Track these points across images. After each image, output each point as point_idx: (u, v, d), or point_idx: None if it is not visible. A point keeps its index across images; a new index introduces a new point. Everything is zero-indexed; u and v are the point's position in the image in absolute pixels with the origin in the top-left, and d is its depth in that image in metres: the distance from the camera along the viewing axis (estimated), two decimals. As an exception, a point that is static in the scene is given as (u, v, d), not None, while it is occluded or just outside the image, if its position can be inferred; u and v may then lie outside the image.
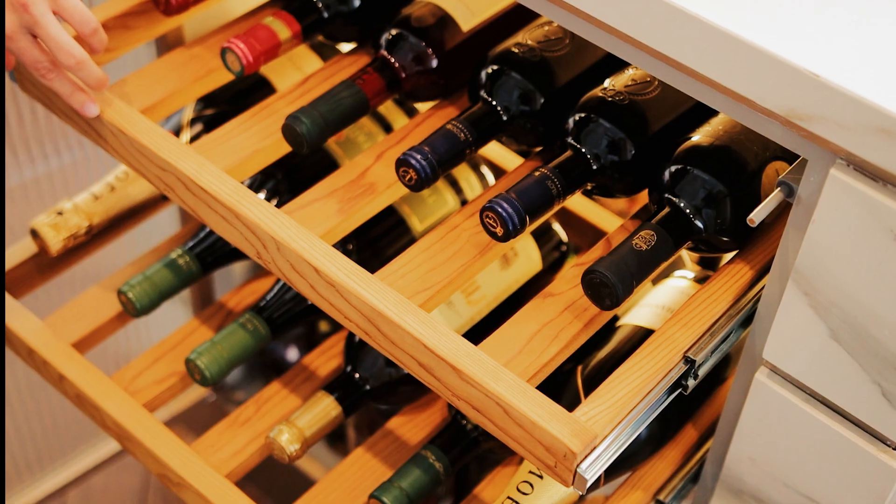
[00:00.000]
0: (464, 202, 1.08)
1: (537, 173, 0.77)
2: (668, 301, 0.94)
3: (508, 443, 0.70)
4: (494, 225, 0.75)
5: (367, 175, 0.84)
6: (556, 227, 1.07)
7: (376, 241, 1.02)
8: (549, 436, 0.67)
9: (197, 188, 0.79)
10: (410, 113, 1.13)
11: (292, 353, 1.52)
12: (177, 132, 1.06)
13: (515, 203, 0.74)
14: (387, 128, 1.12)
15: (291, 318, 0.98)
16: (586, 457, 0.68)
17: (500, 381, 0.69)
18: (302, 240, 0.75)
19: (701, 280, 0.97)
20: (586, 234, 1.14)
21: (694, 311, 0.77)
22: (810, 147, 0.67)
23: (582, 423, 0.68)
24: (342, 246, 0.99)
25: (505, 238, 0.75)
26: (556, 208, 0.78)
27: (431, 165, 0.77)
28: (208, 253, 1.01)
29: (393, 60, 0.86)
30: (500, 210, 0.74)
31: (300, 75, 1.12)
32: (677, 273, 1.00)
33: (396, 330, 0.72)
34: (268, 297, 0.98)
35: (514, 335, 0.75)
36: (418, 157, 0.77)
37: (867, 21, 0.65)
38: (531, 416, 0.68)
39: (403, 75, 0.86)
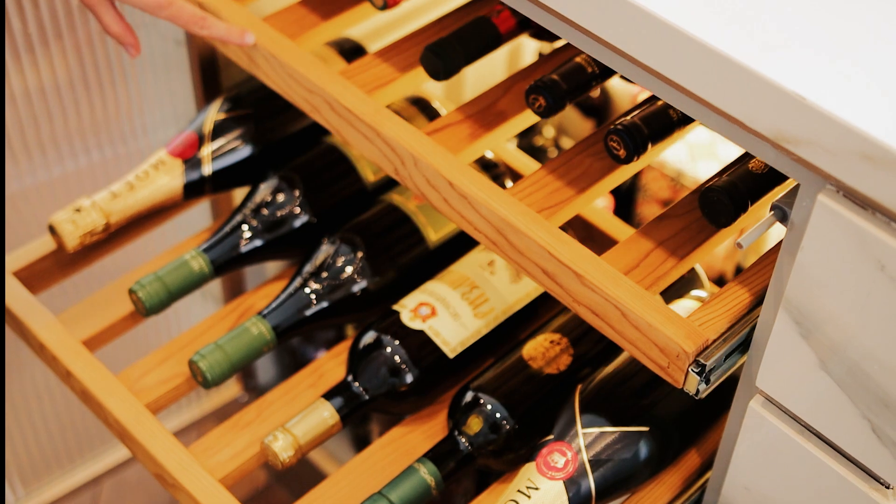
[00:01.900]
0: (481, 213, 1.07)
1: (660, 102, 0.82)
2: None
3: (624, 345, 0.75)
4: (618, 148, 0.81)
5: (497, 104, 0.89)
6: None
7: (390, 250, 1.01)
8: (664, 337, 0.71)
9: (342, 108, 0.85)
10: (432, 119, 1.13)
11: (322, 356, 1.52)
12: (201, 133, 1.07)
13: (640, 126, 0.80)
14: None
15: (297, 323, 0.97)
16: (697, 358, 0.72)
17: (619, 287, 0.74)
18: (438, 155, 0.81)
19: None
20: (607, 248, 1.12)
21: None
22: (801, 171, 0.65)
23: (695, 327, 0.72)
24: (352, 251, 0.99)
25: (627, 160, 0.81)
26: (676, 136, 0.83)
27: (560, 93, 0.83)
28: (222, 255, 1.02)
29: None
30: (624, 133, 0.79)
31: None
32: (693, 293, 0.98)
33: (523, 239, 0.77)
34: (275, 303, 0.98)
35: (632, 250, 0.80)
36: (549, 84, 0.82)
37: (859, 44, 0.63)
38: (648, 318, 0.72)
39: None
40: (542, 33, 0.94)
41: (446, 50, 0.86)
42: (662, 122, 0.81)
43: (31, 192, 1.21)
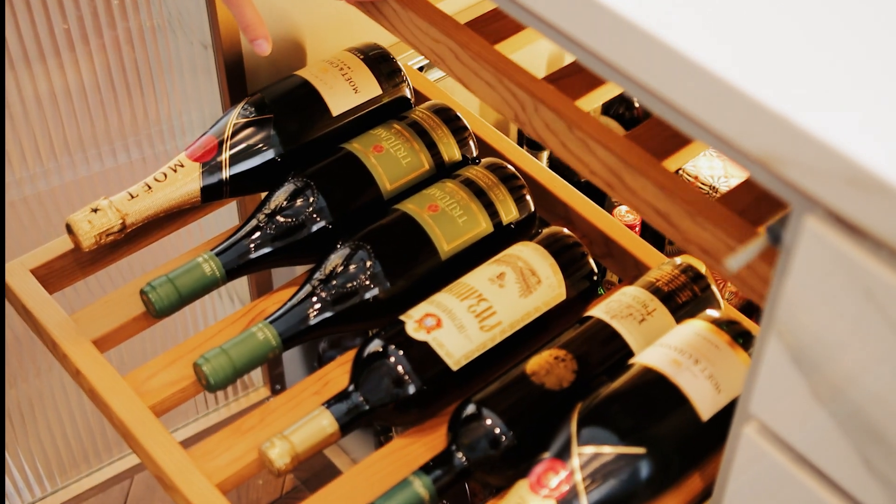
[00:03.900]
0: (497, 225, 1.06)
1: None
2: (682, 343, 0.90)
3: (733, 281, 0.77)
4: None
5: None
6: (589, 259, 1.04)
7: (401, 259, 1.01)
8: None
9: (466, 57, 0.89)
10: (454, 128, 1.12)
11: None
12: (221, 137, 1.07)
13: None
14: (430, 144, 1.11)
15: (304, 330, 0.97)
16: None
17: (730, 225, 0.76)
18: (558, 101, 0.85)
19: (722, 322, 0.92)
20: (627, 266, 1.10)
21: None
22: (792, 193, 0.63)
23: None
24: (363, 259, 0.99)
25: None
26: None
27: None
28: (234, 259, 1.02)
29: None
30: None
31: (349, 87, 1.12)
32: (708, 312, 0.96)
33: (638, 179, 0.80)
34: (283, 309, 0.98)
35: (742, 195, 0.81)
36: None
37: (848, 67, 0.61)
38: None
39: None
40: None
41: None
42: None
43: (57, 192, 1.23)
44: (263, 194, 1.20)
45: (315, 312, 0.97)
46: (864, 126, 0.57)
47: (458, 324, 0.94)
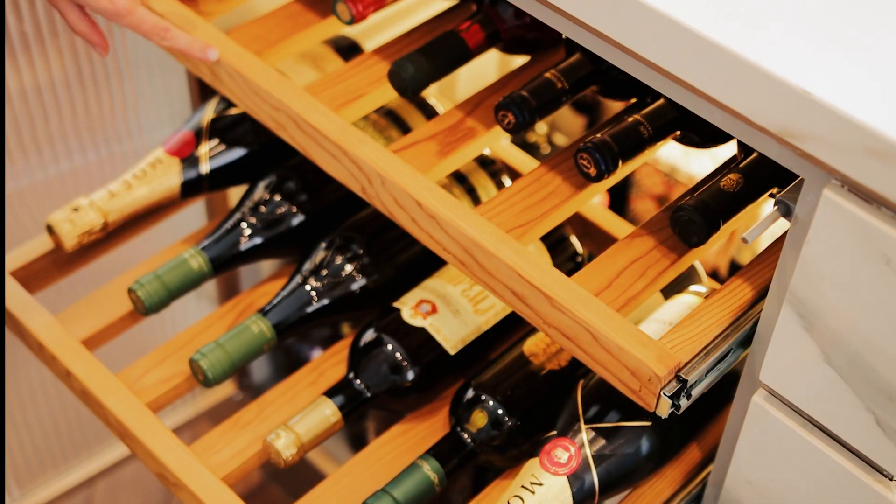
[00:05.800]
0: (479, 210, 1.07)
1: (630, 119, 0.81)
2: (675, 317, 0.92)
3: (595, 368, 0.74)
4: (588, 166, 0.79)
5: (466, 121, 0.88)
6: (573, 238, 1.06)
7: (390, 247, 1.01)
8: (635, 360, 0.70)
9: (307, 126, 0.84)
10: (429, 115, 1.13)
11: (317, 355, 1.52)
12: (198, 131, 1.07)
13: (610, 144, 0.78)
14: (404, 129, 1.11)
15: (297, 321, 0.97)
16: (669, 381, 0.71)
17: (589, 309, 0.73)
18: (406, 175, 0.80)
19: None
20: (604, 244, 1.12)
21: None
22: (806, 166, 0.65)
23: (666, 350, 0.71)
24: (352, 248, 0.99)
25: (598, 178, 0.80)
26: (648, 153, 0.81)
27: (530, 109, 0.81)
28: (221, 254, 1.02)
29: (495, 14, 0.89)
30: (594, 151, 0.78)
31: (320, 75, 1.12)
32: (692, 288, 0.98)
33: (492, 260, 0.76)
34: (275, 301, 0.98)
35: (603, 270, 0.78)
36: (518, 100, 0.81)
37: (864, 39, 0.63)
38: (618, 341, 0.71)
39: (504, 28, 0.89)
40: (512, 47, 0.93)
41: (415, 66, 0.84)
42: (633, 139, 0.80)
43: (27, 191, 1.21)
44: (235, 189, 1.20)
45: (307, 303, 0.97)
46: (882, 97, 0.59)
47: (453, 308, 0.95)
